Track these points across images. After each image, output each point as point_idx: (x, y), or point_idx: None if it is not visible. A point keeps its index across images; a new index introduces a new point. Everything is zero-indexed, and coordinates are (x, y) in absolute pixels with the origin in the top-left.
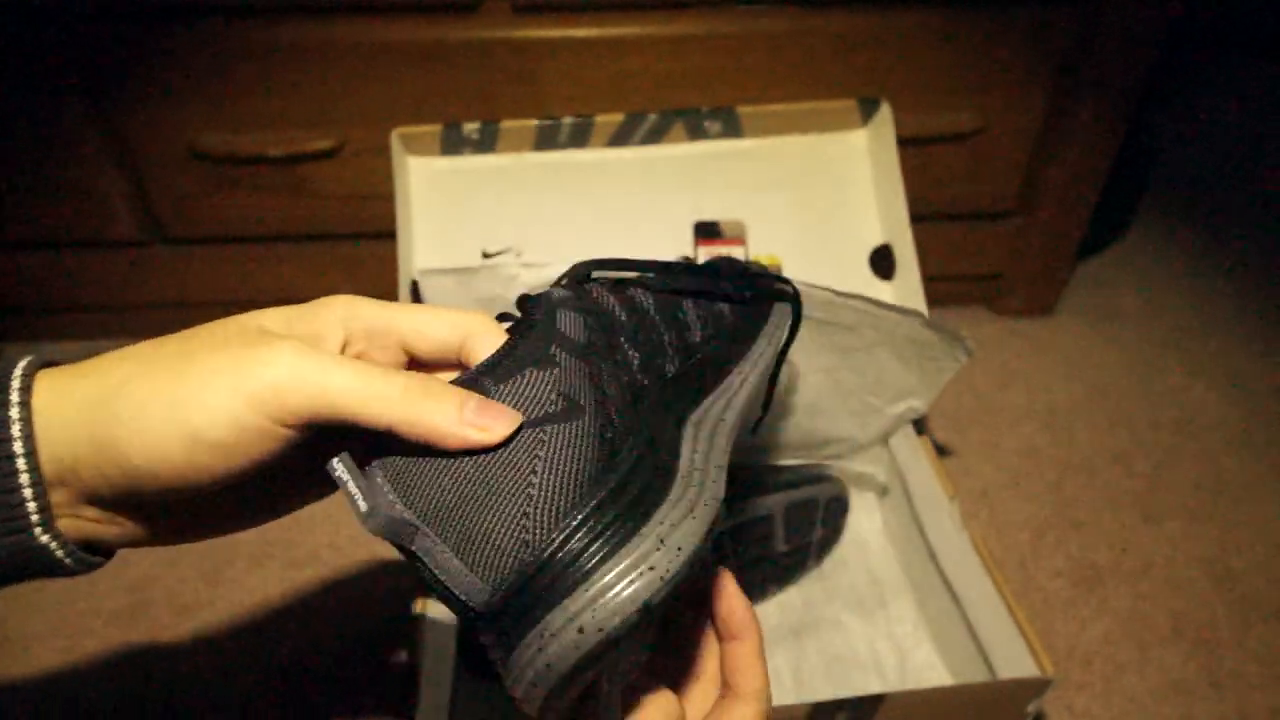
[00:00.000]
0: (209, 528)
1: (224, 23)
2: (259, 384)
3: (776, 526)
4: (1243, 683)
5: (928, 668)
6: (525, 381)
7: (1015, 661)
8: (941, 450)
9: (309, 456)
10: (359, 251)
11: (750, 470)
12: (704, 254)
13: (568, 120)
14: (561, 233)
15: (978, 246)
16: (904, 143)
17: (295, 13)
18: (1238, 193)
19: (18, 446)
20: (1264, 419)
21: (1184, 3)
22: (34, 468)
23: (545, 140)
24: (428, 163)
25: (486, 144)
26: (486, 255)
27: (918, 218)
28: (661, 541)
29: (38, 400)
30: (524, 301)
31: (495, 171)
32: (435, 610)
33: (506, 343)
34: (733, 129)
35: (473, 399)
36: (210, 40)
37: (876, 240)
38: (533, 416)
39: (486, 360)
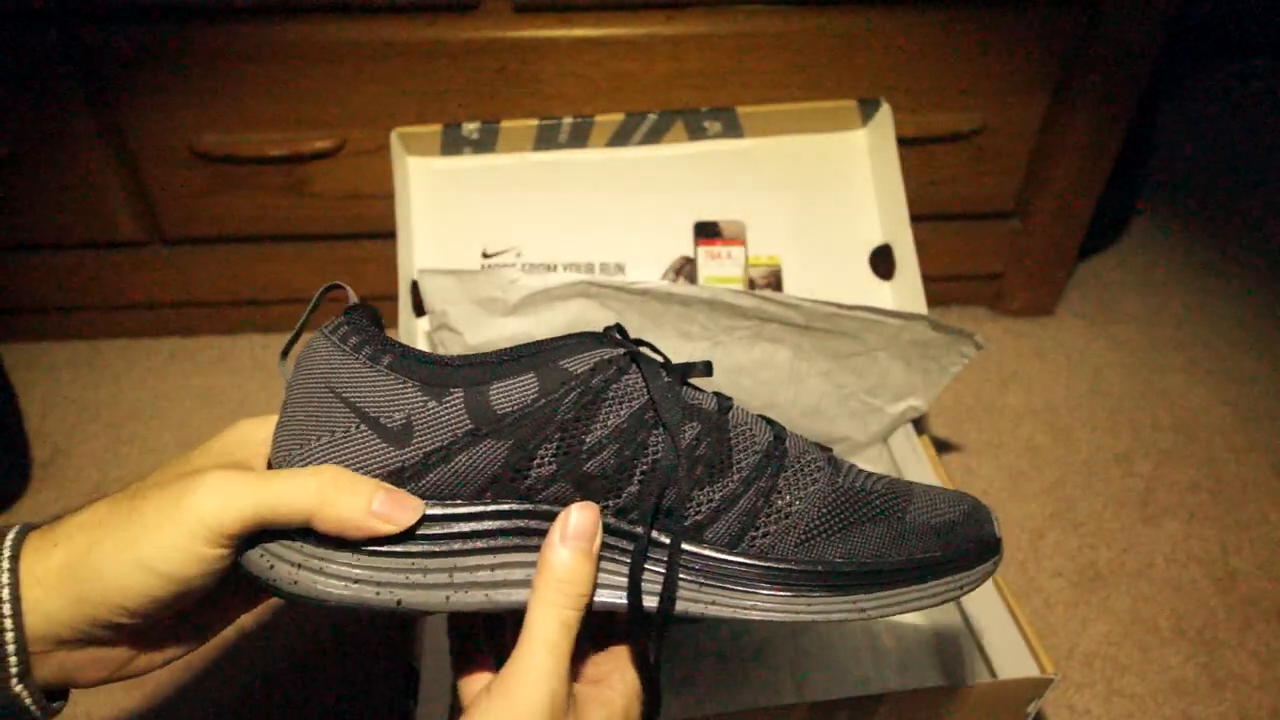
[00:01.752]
0: (158, 657)
1: (224, 23)
2: (193, 516)
3: None
4: (1243, 683)
5: (928, 667)
6: (404, 388)
7: (1016, 661)
8: (941, 450)
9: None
10: (359, 251)
11: None
12: (704, 254)
13: (568, 120)
14: (561, 233)
15: (978, 246)
16: (904, 143)
17: (295, 13)
18: (1238, 193)
19: (6, 609)
20: (1264, 419)
21: (1184, 4)
22: (19, 628)
23: (545, 140)
24: (428, 163)
25: (486, 144)
26: (486, 255)
27: (918, 218)
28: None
29: (24, 569)
30: (598, 334)
31: (495, 171)
32: None
33: (506, 351)
34: (733, 129)
35: (381, 491)
36: (210, 40)
37: (876, 240)
38: (377, 417)
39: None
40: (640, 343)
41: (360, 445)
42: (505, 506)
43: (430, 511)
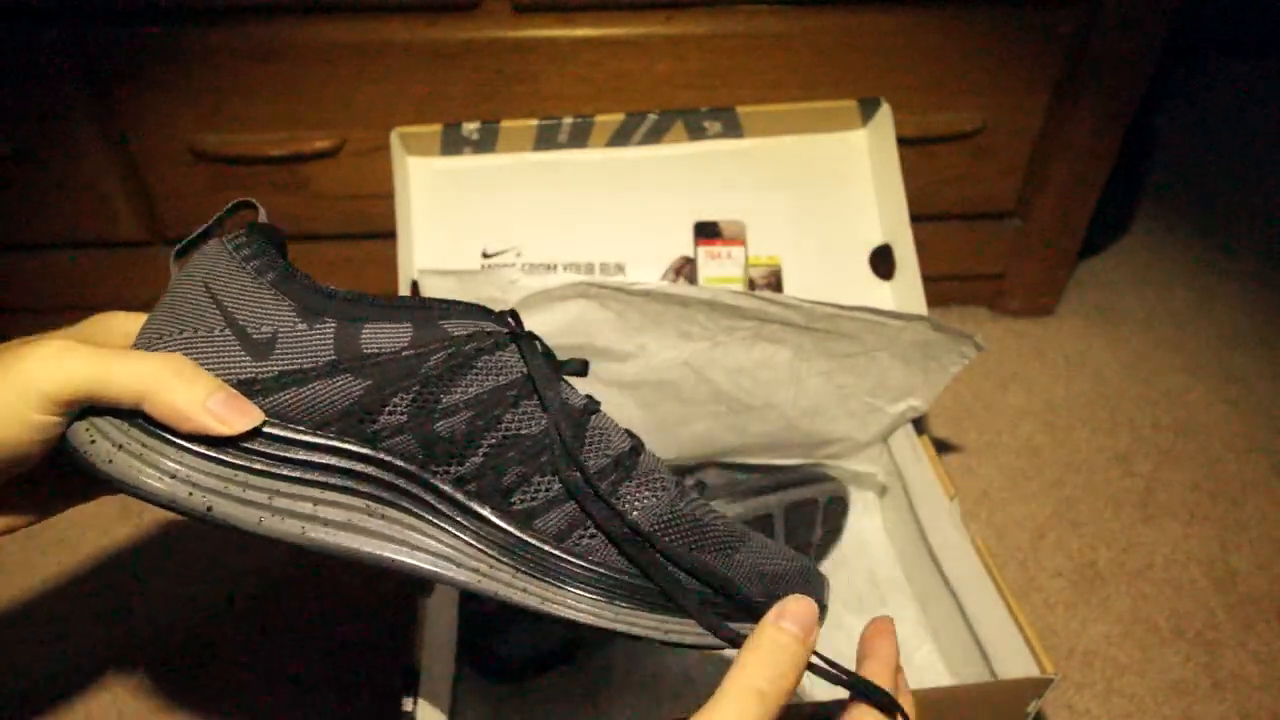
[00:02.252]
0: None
1: (224, 23)
2: (26, 378)
3: (776, 526)
4: (1244, 683)
5: (928, 668)
6: (279, 305)
7: (1016, 661)
8: (941, 450)
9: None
10: (359, 251)
11: (750, 470)
12: (704, 254)
13: (568, 120)
14: (561, 233)
15: (978, 246)
16: (904, 143)
17: (295, 13)
18: (1238, 193)
19: None
20: (1264, 419)
21: (1184, 3)
22: None
23: (545, 140)
24: (428, 163)
25: (486, 144)
26: (486, 255)
27: (918, 218)
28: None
29: None
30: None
31: (495, 171)
32: (435, 610)
33: (387, 298)
34: (733, 129)
35: (222, 391)
36: (210, 40)
37: (876, 240)
38: (244, 326)
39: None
40: (529, 334)
41: (219, 348)
42: (346, 446)
43: (269, 430)
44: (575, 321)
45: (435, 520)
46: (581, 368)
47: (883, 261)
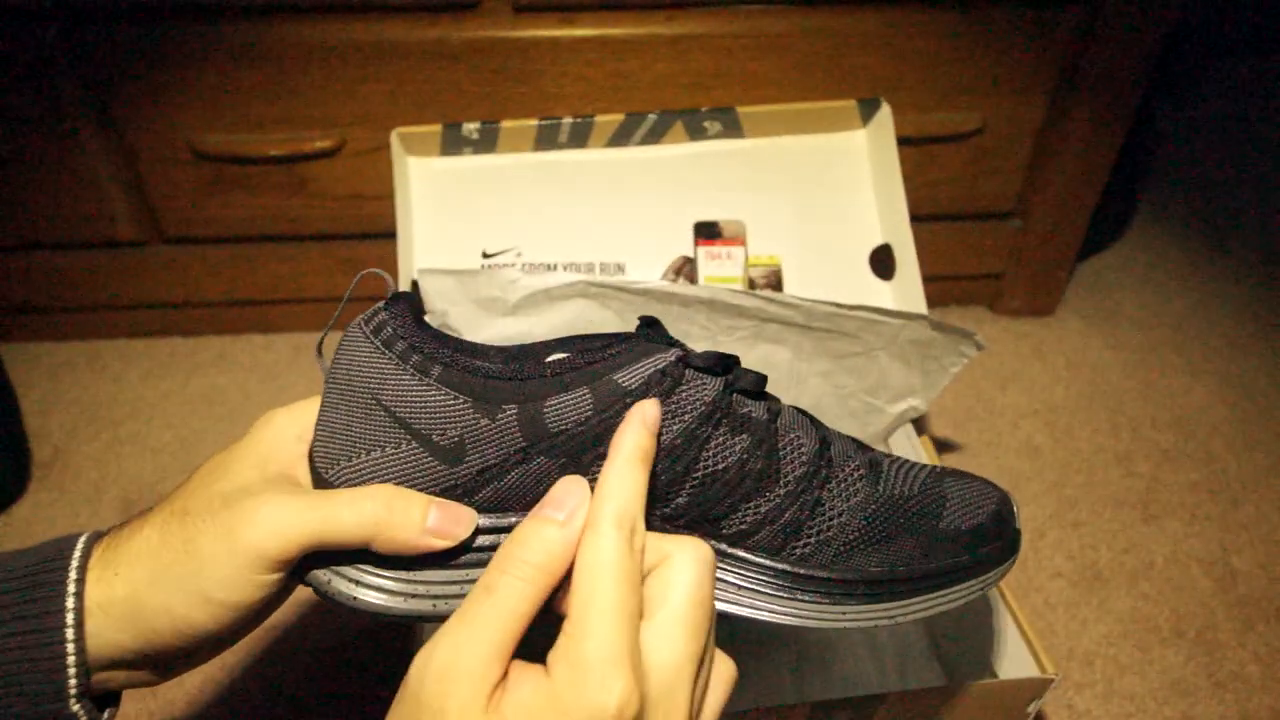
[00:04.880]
0: (204, 659)
1: (224, 23)
2: (251, 548)
3: None
4: (1244, 683)
5: (928, 667)
6: (455, 404)
7: (1016, 661)
8: (941, 450)
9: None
10: (359, 251)
11: None
12: (704, 254)
13: (568, 120)
14: (561, 233)
15: (978, 246)
16: (904, 143)
17: (295, 13)
18: (1238, 193)
19: (70, 633)
20: (1264, 419)
21: (1184, 2)
22: (80, 651)
23: (545, 140)
24: (428, 163)
25: (486, 144)
26: (486, 255)
27: (918, 218)
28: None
29: (88, 595)
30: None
31: (495, 171)
32: None
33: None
34: (733, 129)
35: (434, 508)
36: (210, 40)
37: (876, 240)
38: (429, 435)
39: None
40: (678, 343)
41: (412, 463)
42: None
43: (483, 522)
44: (575, 321)
45: None
46: (757, 384)
47: (883, 261)
